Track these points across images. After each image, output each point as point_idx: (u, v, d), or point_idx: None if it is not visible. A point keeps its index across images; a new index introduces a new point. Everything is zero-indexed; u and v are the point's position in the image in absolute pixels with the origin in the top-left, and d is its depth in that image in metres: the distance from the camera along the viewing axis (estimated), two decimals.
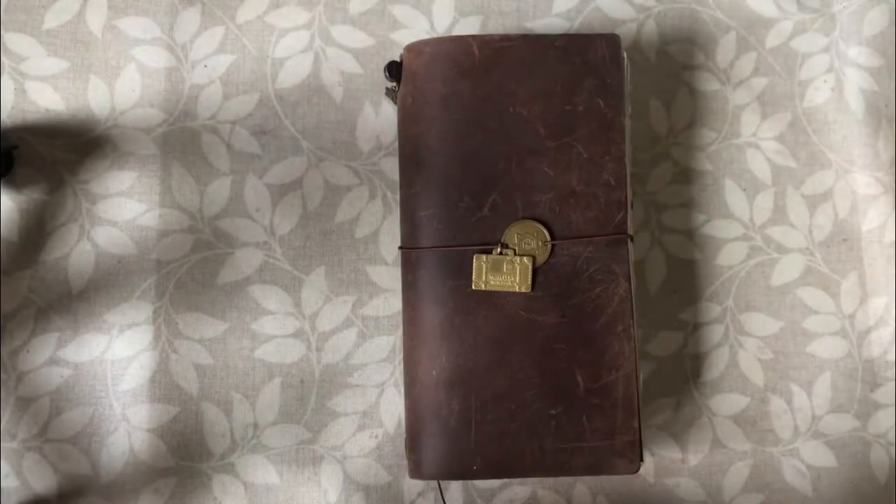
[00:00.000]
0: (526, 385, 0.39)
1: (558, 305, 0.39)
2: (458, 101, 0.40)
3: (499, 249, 0.39)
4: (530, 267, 0.39)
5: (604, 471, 0.39)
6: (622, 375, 0.39)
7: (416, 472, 0.39)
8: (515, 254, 0.39)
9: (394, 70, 0.42)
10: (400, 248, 0.41)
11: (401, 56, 0.42)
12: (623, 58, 0.41)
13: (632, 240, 0.41)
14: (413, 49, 0.41)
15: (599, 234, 0.40)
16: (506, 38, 0.41)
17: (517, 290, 0.39)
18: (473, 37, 0.41)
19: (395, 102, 0.43)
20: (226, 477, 0.44)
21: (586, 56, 0.41)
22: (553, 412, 0.39)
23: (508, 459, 0.39)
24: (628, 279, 0.40)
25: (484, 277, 0.39)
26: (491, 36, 0.41)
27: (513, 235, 0.40)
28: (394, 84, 0.42)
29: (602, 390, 0.39)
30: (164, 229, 0.45)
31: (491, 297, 0.39)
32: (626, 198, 0.40)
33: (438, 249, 0.40)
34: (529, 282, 0.39)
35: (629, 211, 0.40)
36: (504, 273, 0.39)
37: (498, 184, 0.40)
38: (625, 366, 0.39)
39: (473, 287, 0.39)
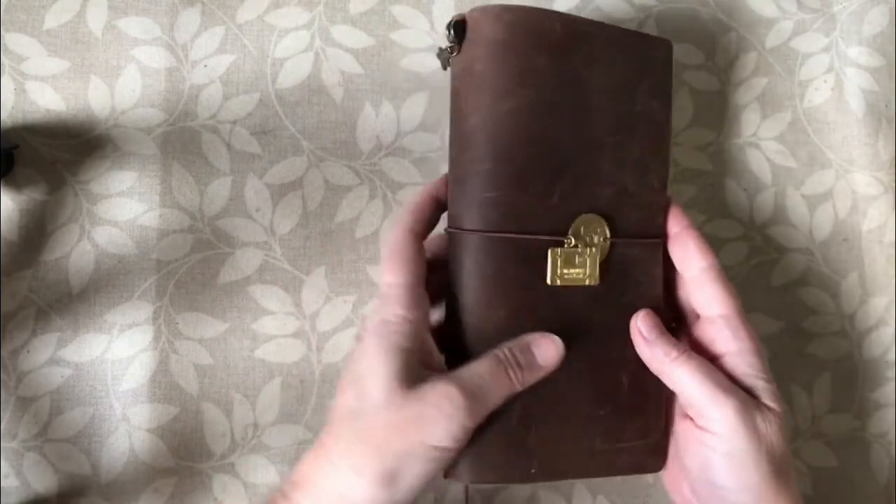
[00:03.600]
0: (580, 385, 0.38)
1: (611, 304, 0.38)
2: (535, 79, 0.37)
3: (572, 241, 0.37)
4: (598, 259, 0.38)
5: (638, 469, 0.39)
6: (654, 375, 0.38)
7: (460, 475, 0.36)
8: (585, 245, 0.38)
9: (459, 29, 0.38)
10: (449, 229, 0.38)
11: (463, 16, 0.38)
12: (672, 58, 0.41)
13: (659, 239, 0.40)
14: (489, 13, 0.37)
15: (647, 235, 0.39)
16: (584, 21, 0.39)
17: (586, 283, 0.38)
18: (558, 13, 0.38)
19: (446, 65, 0.40)
20: (226, 477, 0.44)
21: (646, 56, 0.40)
22: (602, 413, 0.38)
23: (564, 462, 0.37)
24: (661, 282, 0.39)
25: (559, 271, 0.37)
26: (572, 16, 0.39)
27: (579, 228, 0.38)
28: (453, 44, 0.38)
29: (640, 390, 0.39)
30: (165, 229, 0.45)
31: (555, 293, 0.37)
32: (665, 202, 0.40)
33: (501, 235, 0.37)
34: (598, 274, 0.38)
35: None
36: (576, 265, 0.38)
37: (566, 172, 0.38)
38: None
39: (549, 282, 0.37)
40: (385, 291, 0.35)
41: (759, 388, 0.36)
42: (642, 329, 0.37)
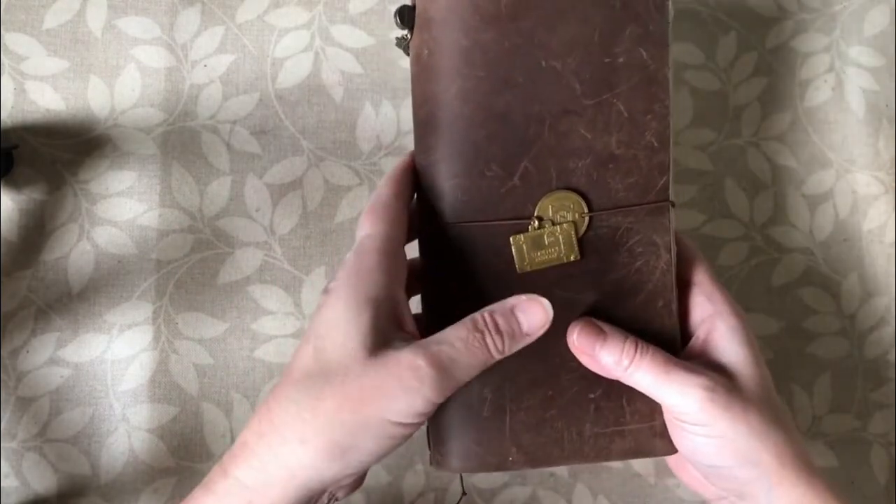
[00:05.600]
0: (563, 369, 0.36)
1: (596, 282, 0.36)
2: (482, 55, 0.34)
3: (535, 224, 0.35)
4: (572, 232, 0.35)
5: (643, 453, 0.37)
6: None
7: (445, 464, 0.36)
8: (553, 224, 0.35)
9: (405, 15, 0.36)
10: (419, 222, 0.37)
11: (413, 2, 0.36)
12: (668, 2, 0.36)
13: (673, 205, 0.37)
14: None
15: (641, 202, 0.36)
16: None
17: (565, 260, 0.35)
18: None
19: (408, 53, 0.38)
20: None
21: (627, 0, 0.35)
22: (592, 396, 0.36)
23: (546, 448, 0.36)
24: (669, 250, 0.36)
25: (527, 258, 0.35)
26: None
27: (547, 208, 0.35)
28: (405, 32, 0.37)
29: None
30: (164, 229, 0.45)
31: (524, 277, 0.35)
32: (668, 160, 0.36)
33: (464, 224, 0.35)
34: (577, 248, 0.35)
35: (671, 174, 0.36)
36: (547, 246, 0.35)
37: (529, 149, 0.35)
38: (666, 343, 0.36)
39: (519, 270, 0.35)
40: (361, 243, 0.33)
41: (738, 355, 0.35)
42: (583, 347, 0.34)
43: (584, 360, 0.35)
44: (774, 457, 0.33)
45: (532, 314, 0.32)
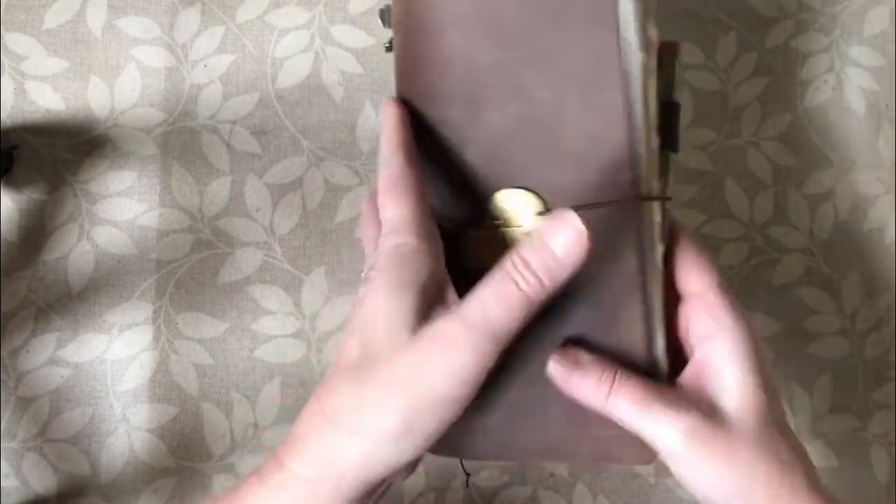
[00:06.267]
0: (532, 373, 0.34)
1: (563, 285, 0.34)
2: (440, 56, 0.33)
3: (488, 223, 0.34)
4: (529, 232, 0.33)
5: (614, 460, 0.35)
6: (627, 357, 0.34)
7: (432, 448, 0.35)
8: (506, 225, 0.34)
9: (387, 17, 0.35)
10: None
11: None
12: None
13: (670, 200, 0.34)
14: None
15: (604, 200, 0.32)
16: None
17: None
18: None
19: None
20: (226, 477, 0.44)
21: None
22: (562, 394, 0.34)
23: (515, 443, 0.35)
24: (638, 254, 0.33)
25: (470, 256, 0.34)
26: None
27: (499, 206, 0.34)
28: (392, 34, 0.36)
29: None
30: (164, 229, 0.45)
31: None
32: (636, 155, 0.32)
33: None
34: None
35: (646, 169, 0.32)
36: (498, 245, 0.34)
37: (485, 149, 0.34)
38: (632, 354, 0.34)
39: (469, 267, 0.33)
40: (394, 227, 0.31)
41: (735, 379, 0.32)
42: (558, 377, 0.33)
43: (562, 389, 0.33)
44: (766, 488, 0.31)
45: (562, 236, 0.29)
